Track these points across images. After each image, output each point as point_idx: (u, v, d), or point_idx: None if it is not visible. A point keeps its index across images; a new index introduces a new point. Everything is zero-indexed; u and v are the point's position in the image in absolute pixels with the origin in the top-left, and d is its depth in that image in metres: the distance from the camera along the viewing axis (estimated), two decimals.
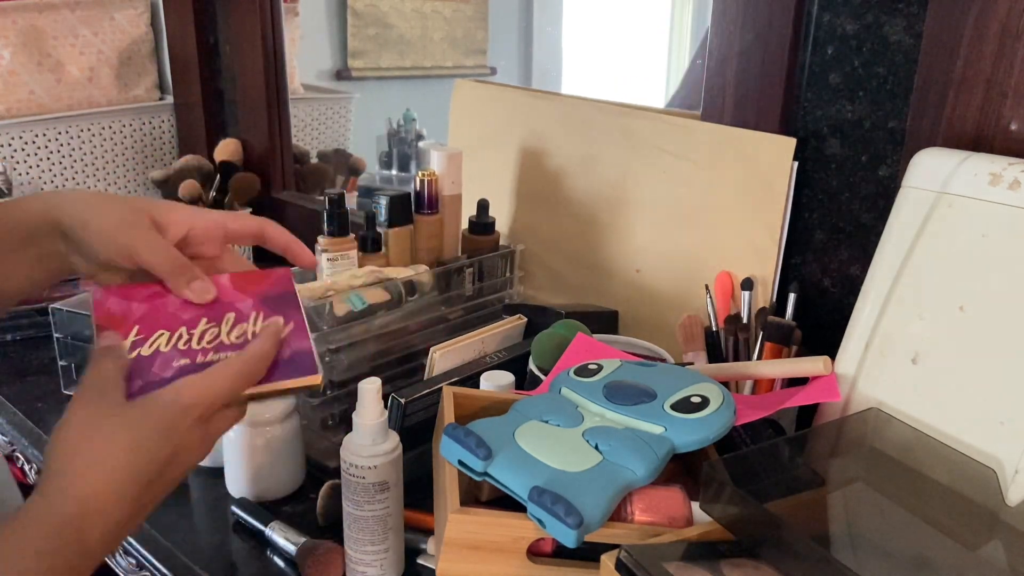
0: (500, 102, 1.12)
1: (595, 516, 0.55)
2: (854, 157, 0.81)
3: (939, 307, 0.65)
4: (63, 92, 1.50)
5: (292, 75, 1.61)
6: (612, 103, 1.01)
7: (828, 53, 0.81)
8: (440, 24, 2.46)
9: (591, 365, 0.73)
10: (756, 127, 0.85)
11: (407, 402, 0.77)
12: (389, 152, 2.01)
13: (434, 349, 0.85)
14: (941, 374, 0.65)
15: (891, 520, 0.58)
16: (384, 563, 0.69)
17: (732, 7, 0.84)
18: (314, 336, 0.82)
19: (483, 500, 0.65)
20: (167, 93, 1.65)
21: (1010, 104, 0.67)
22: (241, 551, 0.76)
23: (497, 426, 0.63)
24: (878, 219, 0.78)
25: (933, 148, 0.69)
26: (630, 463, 0.60)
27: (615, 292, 1.02)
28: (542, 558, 0.60)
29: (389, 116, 2.02)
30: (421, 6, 2.41)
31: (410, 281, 0.93)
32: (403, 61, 2.41)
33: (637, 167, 0.97)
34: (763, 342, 0.83)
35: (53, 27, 1.47)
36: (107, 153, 1.56)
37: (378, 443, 0.66)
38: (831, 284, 0.86)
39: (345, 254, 0.93)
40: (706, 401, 0.65)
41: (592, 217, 1.03)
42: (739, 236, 0.88)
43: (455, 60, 2.50)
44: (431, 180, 0.99)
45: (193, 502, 0.84)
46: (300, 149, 1.64)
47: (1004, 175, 0.63)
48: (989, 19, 0.67)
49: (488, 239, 1.04)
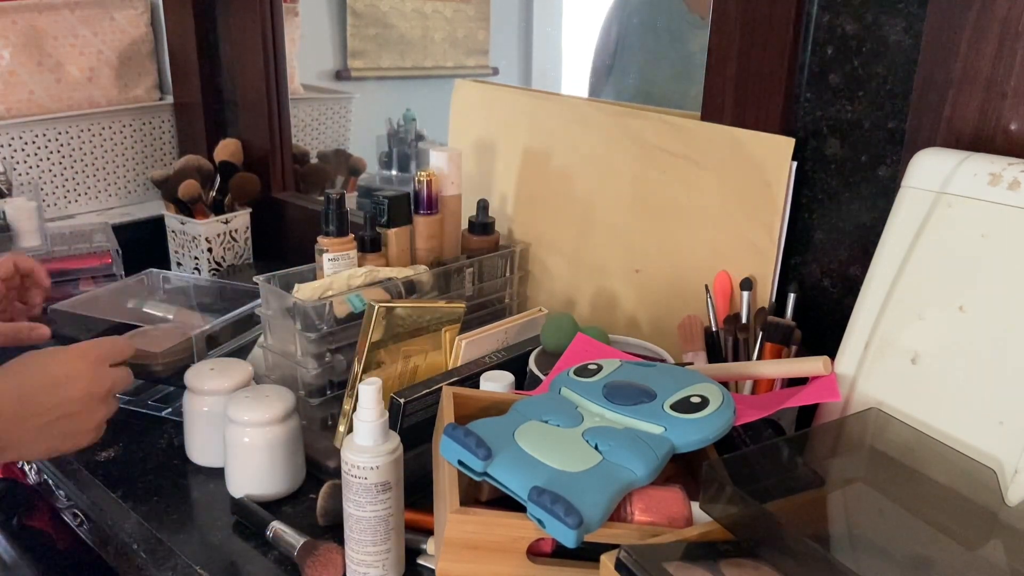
0: (500, 102, 1.12)
1: (595, 516, 0.55)
2: (854, 157, 0.81)
3: (939, 307, 0.65)
4: (63, 92, 1.50)
5: (292, 75, 1.61)
6: (612, 103, 1.01)
7: (828, 53, 0.81)
8: (441, 24, 2.46)
9: (591, 365, 0.73)
10: (756, 127, 0.85)
11: (407, 402, 0.77)
12: (389, 152, 2.01)
13: (460, 338, 0.86)
14: (941, 374, 0.65)
15: (891, 520, 0.58)
16: (386, 563, 0.69)
17: (732, 7, 0.84)
18: (314, 336, 0.82)
19: (483, 500, 0.65)
20: (167, 93, 1.65)
21: (1010, 104, 0.67)
22: (241, 551, 0.76)
23: (497, 426, 0.63)
24: (878, 219, 0.78)
25: (933, 148, 0.69)
26: (630, 463, 0.60)
27: (615, 292, 1.02)
28: (542, 558, 0.60)
29: (389, 116, 2.02)
30: (422, 6, 2.41)
31: (410, 281, 0.93)
32: (403, 61, 2.41)
33: (637, 167, 0.97)
34: (763, 342, 0.83)
35: (53, 27, 1.47)
36: (108, 153, 1.56)
37: (379, 443, 0.66)
38: (831, 284, 0.86)
39: (345, 254, 0.93)
40: (706, 401, 0.65)
41: (592, 217, 1.03)
42: (739, 236, 0.88)
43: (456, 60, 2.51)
44: (431, 180, 0.99)
45: (193, 502, 0.84)
46: (300, 149, 1.64)
47: (1004, 175, 0.63)
48: (989, 19, 0.67)
49: (488, 239, 1.04)
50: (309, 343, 0.83)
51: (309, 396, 0.85)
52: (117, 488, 0.86)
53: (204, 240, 1.36)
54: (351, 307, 0.86)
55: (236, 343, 1.10)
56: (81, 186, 1.55)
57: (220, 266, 1.39)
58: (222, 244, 1.38)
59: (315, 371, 0.84)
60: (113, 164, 1.57)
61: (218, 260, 1.39)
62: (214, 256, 1.38)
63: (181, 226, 1.37)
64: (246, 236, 1.42)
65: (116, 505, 0.83)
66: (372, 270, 0.91)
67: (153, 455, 0.92)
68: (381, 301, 0.83)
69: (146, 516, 0.81)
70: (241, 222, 1.41)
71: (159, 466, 0.90)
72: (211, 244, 1.37)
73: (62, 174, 1.51)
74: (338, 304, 0.85)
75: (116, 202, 1.60)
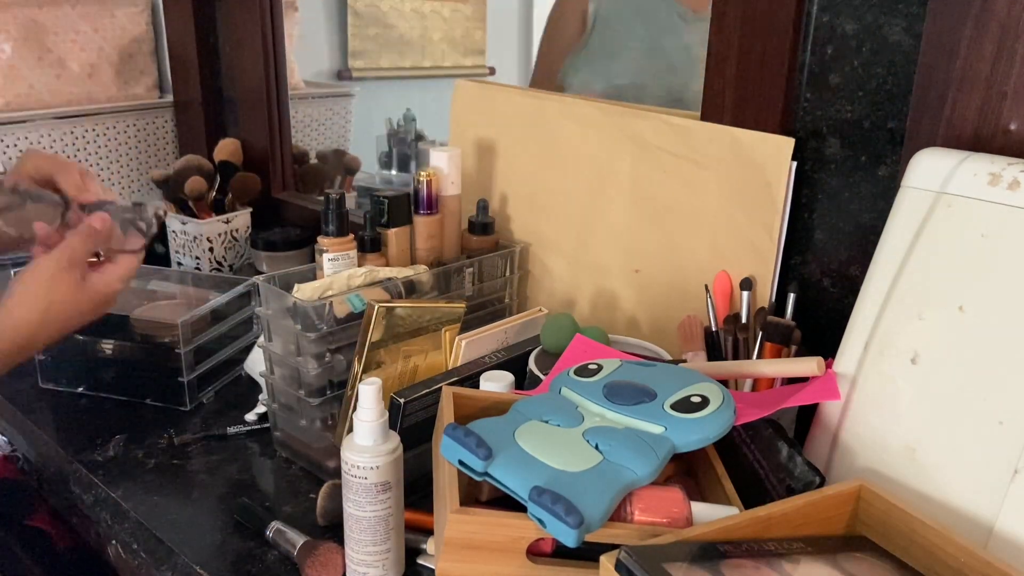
0: (500, 102, 1.12)
1: (595, 516, 0.55)
2: (853, 157, 0.81)
3: (939, 307, 0.65)
4: (63, 88, 1.50)
5: (292, 71, 1.61)
6: (612, 103, 1.01)
7: (828, 53, 0.81)
8: (439, 24, 2.46)
9: (591, 365, 0.73)
10: (755, 127, 0.85)
11: (406, 402, 0.77)
12: (389, 152, 2.01)
13: (460, 338, 0.86)
14: (941, 374, 0.65)
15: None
16: (386, 563, 0.69)
17: (732, 7, 0.84)
18: (314, 336, 0.82)
19: (483, 500, 0.65)
20: (167, 92, 1.65)
21: (1010, 104, 0.67)
22: (241, 551, 0.76)
23: (497, 426, 0.63)
24: (878, 219, 0.78)
25: (932, 148, 0.69)
26: (630, 463, 0.60)
27: (615, 292, 1.02)
28: (542, 558, 0.60)
29: (389, 116, 2.02)
30: (420, 6, 2.41)
31: (410, 281, 0.93)
32: (403, 61, 2.41)
33: (637, 167, 0.97)
34: (762, 342, 0.83)
35: (54, 22, 1.47)
36: (111, 153, 1.56)
37: (379, 443, 0.66)
38: (830, 284, 0.86)
39: (345, 254, 0.93)
40: (706, 401, 0.65)
41: (592, 217, 1.03)
42: (738, 236, 0.88)
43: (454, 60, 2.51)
44: (430, 180, 0.99)
45: (193, 502, 0.84)
46: (299, 149, 1.64)
47: (1003, 175, 0.63)
48: (989, 19, 0.67)
49: (488, 239, 1.04)
50: (309, 343, 0.83)
51: (309, 396, 0.85)
52: (117, 488, 0.86)
53: (205, 240, 1.36)
54: (351, 307, 0.86)
55: (234, 347, 1.11)
56: None
57: (221, 266, 1.39)
58: (223, 244, 1.39)
59: (315, 371, 0.84)
60: (114, 164, 1.57)
61: (219, 260, 1.39)
62: (215, 256, 1.38)
63: (182, 226, 1.37)
64: (247, 236, 1.42)
65: (116, 505, 0.83)
66: (372, 270, 0.91)
67: (153, 455, 0.92)
68: (381, 301, 0.83)
69: (146, 516, 0.81)
70: (242, 222, 1.41)
71: (159, 466, 0.90)
72: (212, 244, 1.37)
73: None
74: (338, 304, 0.85)
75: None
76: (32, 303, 0.77)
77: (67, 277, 0.78)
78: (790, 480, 0.67)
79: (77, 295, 0.79)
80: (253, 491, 0.86)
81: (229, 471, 0.89)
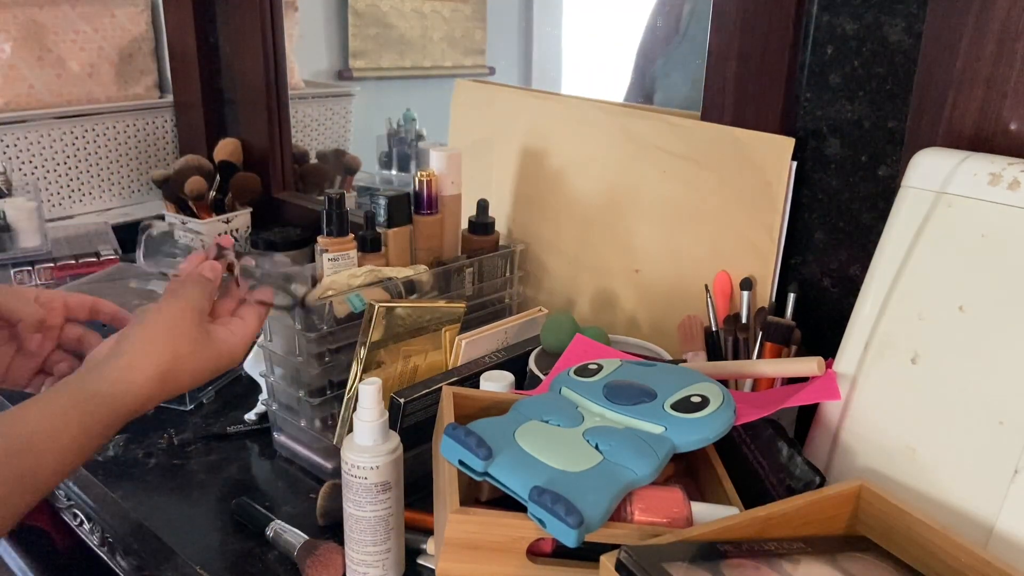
0: (500, 102, 1.12)
1: (596, 516, 0.55)
2: (854, 157, 0.81)
3: (939, 307, 0.65)
4: (63, 87, 1.50)
5: (292, 70, 1.61)
6: (612, 103, 1.01)
7: (828, 53, 0.81)
8: (439, 24, 2.46)
9: (591, 365, 0.73)
10: (756, 127, 0.85)
11: (406, 402, 0.77)
12: (389, 152, 2.01)
13: (460, 338, 0.87)
14: (941, 374, 0.65)
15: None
16: (386, 563, 0.69)
17: (732, 7, 0.84)
18: (314, 336, 0.82)
19: (483, 500, 0.65)
20: (167, 92, 1.65)
21: (1010, 104, 0.67)
22: (241, 551, 0.76)
23: (497, 426, 0.63)
24: (878, 219, 0.78)
25: (933, 148, 0.69)
26: (630, 463, 0.60)
27: (615, 292, 1.02)
28: (542, 558, 0.60)
29: (389, 116, 2.02)
30: (420, 6, 2.41)
31: (410, 281, 0.93)
32: (403, 61, 2.41)
33: (637, 167, 0.97)
34: (762, 342, 0.83)
35: (54, 22, 1.47)
36: (111, 153, 1.56)
37: (379, 443, 0.66)
38: (831, 284, 0.86)
39: (345, 254, 0.93)
40: (706, 401, 0.65)
41: (592, 217, 1.03)
42: (738, 236, 0.88)
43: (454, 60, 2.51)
44: (430, 180, 0.99)
45: (193, 502, 0.84)
46: (299, 149, 1.64)
47: (1004, 175, 0.63)
48: (989, 19, 0.67)
49: (488, 239, 1.04)
50: (309, 343, 0.83)
51: (309, 396, 0.85)
52: (117, 488, 0.86)
53: (206, 240, 1.36)
54: (351, 307, 0.86)
55: None
56: (82, 186, 1.55)
57: None
58: None
59: (315, 371, 0.84)
60: (114, 164, 1.57)
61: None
62: None
63: (183, 225, 1.37)
64: (247, 236, 1.42)
65: (116, 505, 0.83)
66: (372, 270, 0.91)
67: (153, 455, 0.92)
68: (381, 301, 0.83)
69: (146, 516, 0.81)
70: (242, 221, 1.41)
71: (159, 466, 0.90)
72: None
73: (67, 174, 1.51)
74: (338, 304, 0.85)
75: (116, 202, 1.60)
76: (156, 355, 0.63)
77: (190, 326, 0.65)
78: (790, 480, 0.67)
79: (201, 348, 0.66)
80: (253, 491, 0.86)
81: (229, 471, 0.89)
